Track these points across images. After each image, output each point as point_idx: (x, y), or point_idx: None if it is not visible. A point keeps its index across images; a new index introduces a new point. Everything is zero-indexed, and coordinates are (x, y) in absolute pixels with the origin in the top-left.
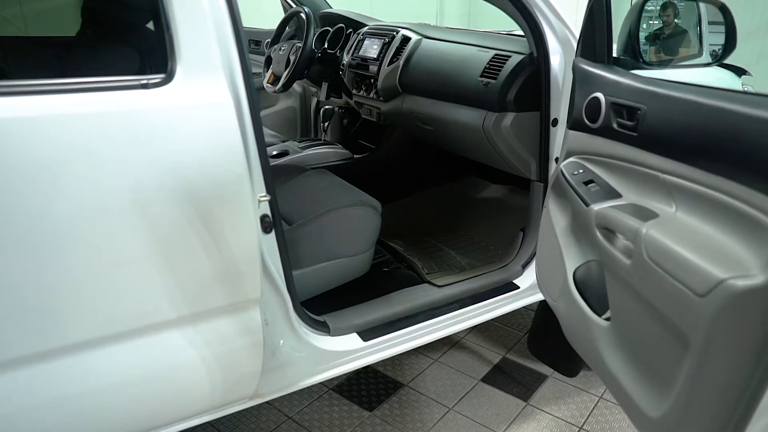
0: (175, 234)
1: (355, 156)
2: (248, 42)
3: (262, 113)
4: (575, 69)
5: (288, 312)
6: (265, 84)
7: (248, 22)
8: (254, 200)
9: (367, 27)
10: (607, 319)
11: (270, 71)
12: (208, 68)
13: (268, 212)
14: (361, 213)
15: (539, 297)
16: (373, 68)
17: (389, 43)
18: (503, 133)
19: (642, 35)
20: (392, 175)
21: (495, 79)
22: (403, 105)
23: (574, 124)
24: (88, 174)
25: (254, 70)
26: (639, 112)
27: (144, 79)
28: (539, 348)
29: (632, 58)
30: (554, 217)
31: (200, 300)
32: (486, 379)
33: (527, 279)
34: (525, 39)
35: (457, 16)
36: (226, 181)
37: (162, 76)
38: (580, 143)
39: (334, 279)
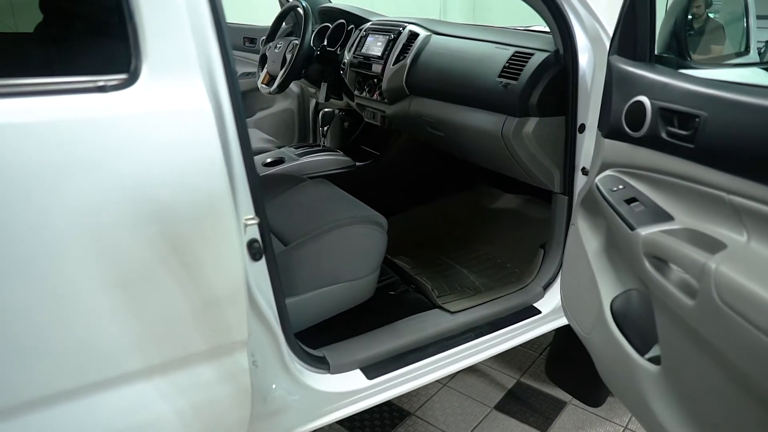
0: (140, 269)
1: (357, 163)
2: (243, 39)
3: (257, 116)
4: (611, 68)
5: (281, 350)
6: (259, 84)
7: (243, 18)
8: (239, 224)
9: (370, 23)
10: (654, 360)
11: (265, 71)
12: (182, 67)
13: (258, 236)
14: (365, 232)
15: (563, 321)
16: (377, 67)
17: (395, 40)
18: (524, 140)
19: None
20: (398, 184)
21: (516, 79)
22: (410, 108)
23: (611, 131)
24: (25, 201)
25: (248, 69)
26: (697, 119)
27: (100, 80)
28: (559, 374)
29: (677, 56)
30: (585, 236)
31: (174, 345)
32: (500, 407)
33: (549, 302)
34: (547, 35)
35: (461, 11)
36: (204, 205)
37: (123, 76)
38: (619, 154)
39: (335, 306)
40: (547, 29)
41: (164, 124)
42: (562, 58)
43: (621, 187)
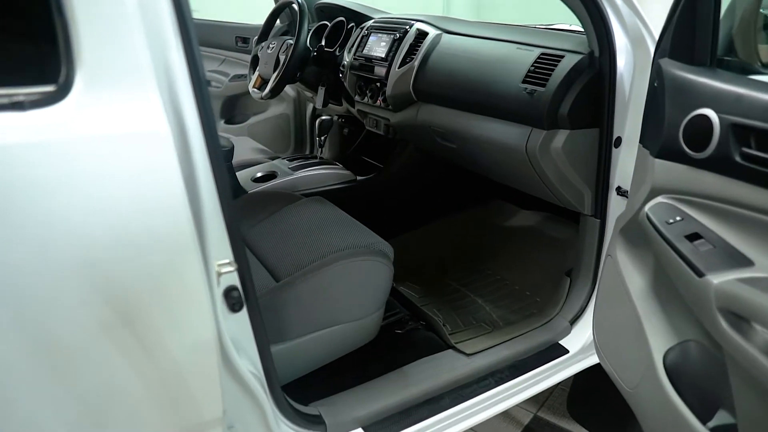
0: (72, 340)
1: (358, 178)
2: (234, 39)
3: (250, 121)
4: (661, 74)
5: (265, 415)
6: (250, 88)
7: (241, 15)
8: (209, 274)
9: (372, 20)
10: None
11: (256, 73)
12: (130, 76)
13: (237, 283)
14: (368, 266)
15: (593, 360)
16: (381, 70)
17: (401, 40)
18: (553, 156)
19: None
20: (403, 200)
21: (543, 86)
22: (417, 116)
23: (664, 150)
24: None
25: (240, 71)
26: None
27: (17, 93)
28: (584, 414)
29: (743, 59)
30: (626, 271)
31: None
32: None
33: (578, 339)
34: (578, 35)
35: (464, 8)
36: (159, 255)
37: (49, 89)
38: (676, 178)
39: (332, 351)
40: (575, 28)
41: (104, 153)
42: (597, 61)
43: (679, 218)
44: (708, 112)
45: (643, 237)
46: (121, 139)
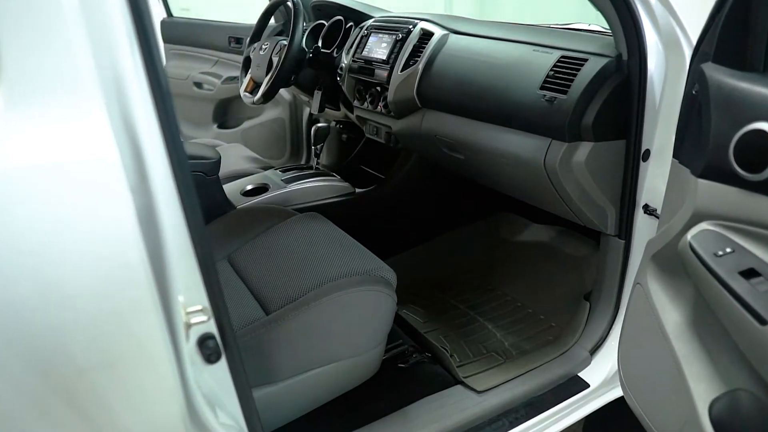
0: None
1: (357, 190)
2: (227, 39)
3: (244, 126)
4: (705, 81)
5: None
6: (241, 92)
7: (231, 15)
8: (174, 328)
9: (372, 20)
10: None
11: (248, 76)
12: (66, 89)
13: (214, 330)
14: (369, 296)
15: (615, 394)
16: (382, 73)
17: (403, 41)
18: (574, 171)
19: None
20: (405, 214)
21: (564, 93)
22: (422, 124)
23: (710, 170)
24: None
25: (234, 74)
26: None
27: None
28: None
29: None
30: (660, 304)
31: None
32: None
33: (599, 372)
34: (602, 36)
35: (467, 5)
36: (104, 313)
37: None
38: (725, 203)
39: (328, 391)
40: (595, 27)
41: (30, 191)
42: (626, 66)
43: (730, 250)
44: (766, 126)
45: (681, 267)
46: (53, 169)
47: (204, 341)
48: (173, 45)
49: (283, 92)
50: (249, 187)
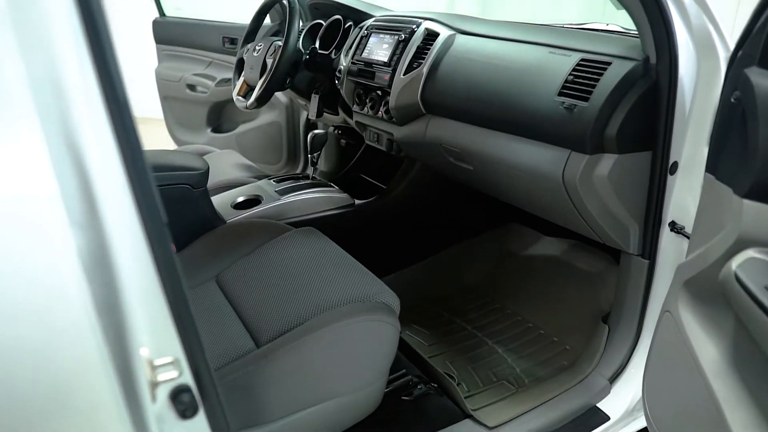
0: None
1: (357, 202)
2: (222, 39)
3: (239, 129)
4: (750, 88)
5: None
6: (234, 96)
7: (227, 14)
8: (135, 386)
9: (373, 19)
10: None
11: (241, 79)
12: None
13: (189, 382)
14: (370, 328)
15: (639, 425)
16: (383, 77)
17: (406, 41)
18: (596, 186)
19: None
20: (408, 227)
21: (586, 100)
22: (427, 132)
23: (758, 189)
24: None
25: (229, 75)
26: None
27: None
28: None
29: None
30: (695, 337)
31: None
32: None
33: (619, 402)
34: (626, 37)
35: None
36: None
37: None
38: None
39: (325, 430)
40: (614, 28)
41: None
42: (654, 70)
43: None
44: None
45: (720, 297)
46: None
47: (177, 395)
48: (165, 46)
49: (280, 95)
50: (240, 199)
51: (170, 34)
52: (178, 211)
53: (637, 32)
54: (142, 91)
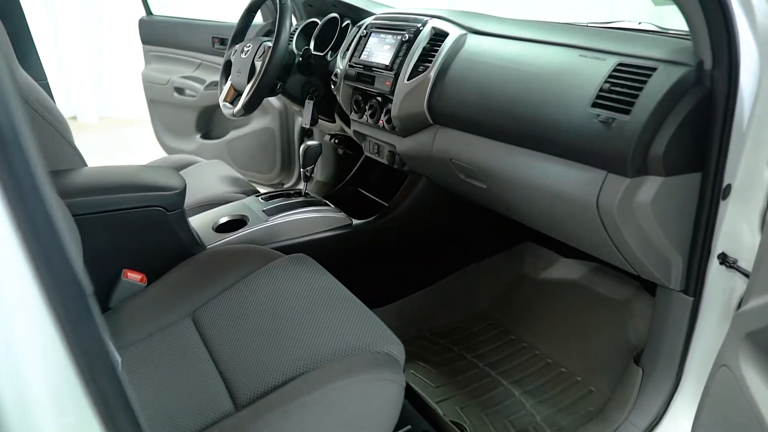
0: None
1: (355, 222)
2: (211, 40)
3: (229, 136)
4: None
5: None
6: (221, 102)
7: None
8: None
9: (373, 17)
10: None
11: (228, 83)
12: None
13: None
14: (371, 389)
15: None
16: (384, 82)
17: (411, 42)
18: (636, 213)
19: None
20: (412, 250)
21: (626, 112)
22: (434, 145)
23: None
24: None
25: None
26: None
27: None
28: None
29: None
30: (763, 402)
31: None
32: None
33: None
34: (665, 37)
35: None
36: None
37: None
38: None
39: None
40: (646, 27)
41: None
42: (709, 77)
43: None
44: None
45: None
46: None
47: None
48: (152, 46)
49: (273, 100)
50: (223, 221)
51: (157, 34)
52: (149, 237)
53: (683, 32)
54: (135, 92)
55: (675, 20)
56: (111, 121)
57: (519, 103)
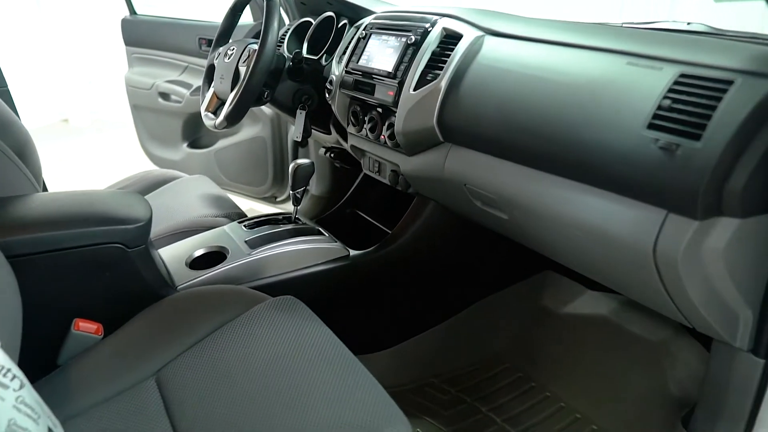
0: None
1: (352, 253)
2: (198, 41)
3: (218, 145)
4: None
5: None
6: (203, 113)
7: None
8: None
9: (373, 16)
10: None
11: (211, 91)
12: None
13: None
14: None
15: None
16: (386, 92)
17: (418, 45)
18: (705, 262)
19: None
20: (419, 285)
21: (697, 137)
22: (446, 166)
23: None
24: None
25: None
26: None
27: None
28: None
29: None
30: None
31: None
32: None
33: None
34: (731, 42)
35: None
36: None
37: None
38: None
39: None
40: (700, 29)
41: None
42: None
43: None
44: None
45: None
46: None
47: None
48: (136, 48)
49: (264, 106)
50: (198, 254)
51: (141, 34)
52: (106, 279)
53: (762, 35)
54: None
55: (728, 20)
56: (103, 123)
57: (551, 121)
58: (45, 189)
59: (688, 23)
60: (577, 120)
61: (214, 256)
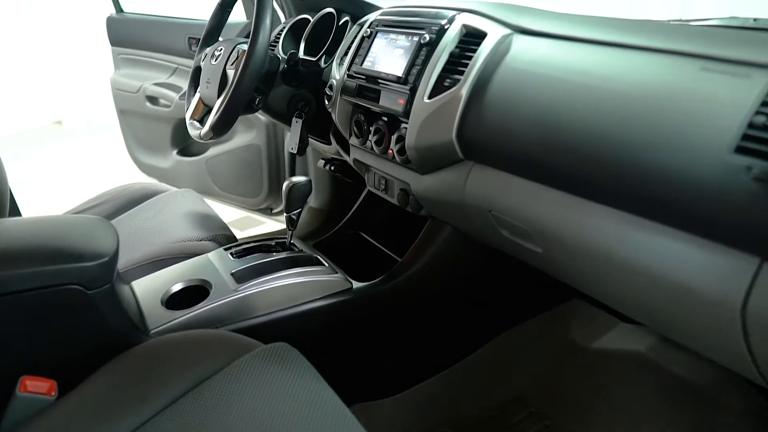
0: None
1: (356, 285)
2: (187, 40)
3: (209, 153)
4: None
5: None
6: (187, 121)
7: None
8: None
9: (379, 12)
10: None
11: (197, 96)
12: None
13: None
14: None
15: None
16: (395, 99)
17: (433, 46)
18: None
19: None
20: (432, 322)
21: None
22: (466, 189)
23: None
24: None
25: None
26: None
27: None
28: None
29: None
30: None
31: None
32: None
33: None
34: None
35: None
36: None
37: None
38: None
39: None
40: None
41: None
42: None
43: None
44: None
45: None
46: None
47: None
48: (122, 48)
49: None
50: (176, 289)
51: (128, 34)
52: (61, 327)
53: None
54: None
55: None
56: (98, 125)
57: (602, 140)
58: (15, 208)
59: (755, 19)
60: (635, 140)
61: (195, 294)
